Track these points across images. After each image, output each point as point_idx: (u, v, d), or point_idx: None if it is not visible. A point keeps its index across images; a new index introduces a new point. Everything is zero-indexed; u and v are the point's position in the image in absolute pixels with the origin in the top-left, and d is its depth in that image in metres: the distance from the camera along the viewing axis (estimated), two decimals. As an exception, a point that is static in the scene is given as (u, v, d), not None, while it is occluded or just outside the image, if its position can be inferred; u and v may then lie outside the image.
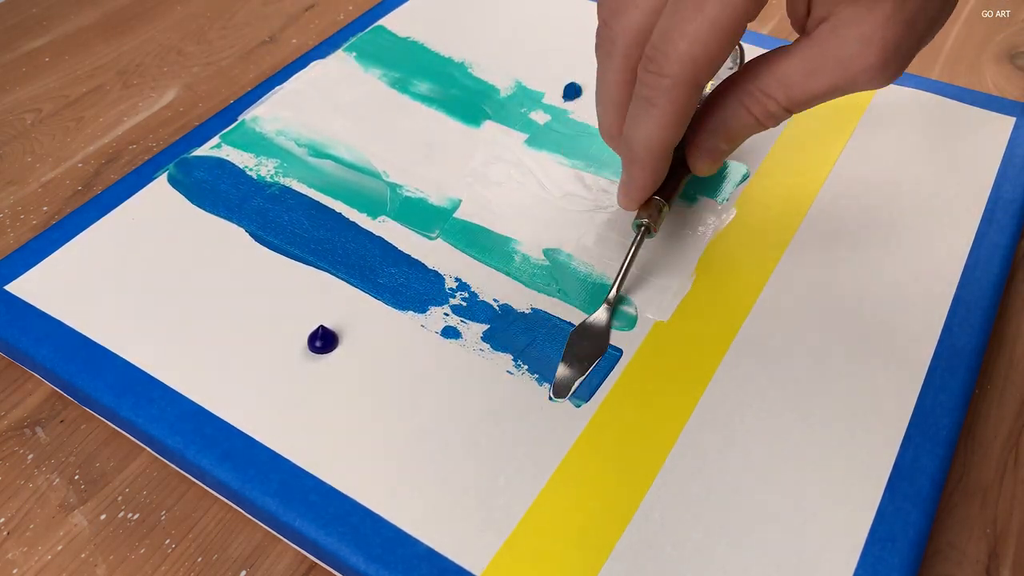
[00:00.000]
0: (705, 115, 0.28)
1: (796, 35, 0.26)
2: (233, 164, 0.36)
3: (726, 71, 0.34)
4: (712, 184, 0.35)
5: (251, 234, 0.33)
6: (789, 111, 0.26)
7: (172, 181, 0.36)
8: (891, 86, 0.39)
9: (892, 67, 0.24)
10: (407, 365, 0.29)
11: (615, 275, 0.30)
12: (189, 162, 0.36)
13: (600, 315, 0.30)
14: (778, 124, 0.27)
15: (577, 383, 0.28)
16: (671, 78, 0.24)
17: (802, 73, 0.25)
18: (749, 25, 0.43)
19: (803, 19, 0.25)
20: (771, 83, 0.25)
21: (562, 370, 0.28)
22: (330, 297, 0.31)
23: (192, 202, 0.35)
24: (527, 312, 0.30)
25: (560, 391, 0.28)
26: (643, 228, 0.30)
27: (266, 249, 0.33)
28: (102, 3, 0.49)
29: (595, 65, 0.28)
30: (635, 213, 0.30)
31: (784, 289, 0.31)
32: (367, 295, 0.31)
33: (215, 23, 0.48)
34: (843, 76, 0.24)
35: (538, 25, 0.44)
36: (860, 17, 0.23)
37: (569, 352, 0.29)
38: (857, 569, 0.24)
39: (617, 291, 0.30)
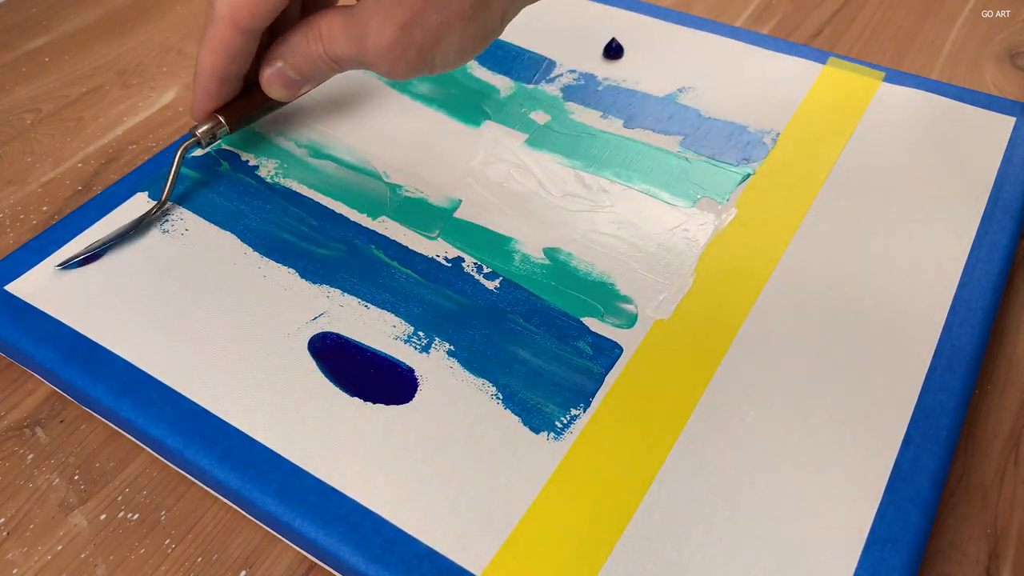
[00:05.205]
0: (278, 41, 0.31)
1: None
2: (233, 164, 0.36)
3: None
4: (712, 184, 0.35)
5: (251, 235, 0.33)
6: (335, 63, 0.30)
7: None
8: (891, 86, 0.39)
9: (398, 63, 0.28)
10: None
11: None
12: (188, 162, 0.36)
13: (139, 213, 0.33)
14: (334, 69, 0.30)
15: (83, 255, 0.32)
16: (216, 14, 0.30)
17: (341, 34, 0.29)
18: (742, 22, 0.43)
19: None
20: (323, 29, 0.29)
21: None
22: (330, 298, 0.31)
23: (192, 202, 0.35)
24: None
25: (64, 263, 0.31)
26: (192, 137, 0.34)
27: (267, 249, 0.33)
28: (102, 3, 0.49)
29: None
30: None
31: (784, 289, 0.31)
32: (367, 296, 0.31)
33: (215, 23, 0.48)
34: (360, 51, 0.28)
35: (538, 25, 0.44)
36: (375, 7, 0.28)
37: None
38: (857, 569, 0.24)
39: (167, 195, 0.33)
